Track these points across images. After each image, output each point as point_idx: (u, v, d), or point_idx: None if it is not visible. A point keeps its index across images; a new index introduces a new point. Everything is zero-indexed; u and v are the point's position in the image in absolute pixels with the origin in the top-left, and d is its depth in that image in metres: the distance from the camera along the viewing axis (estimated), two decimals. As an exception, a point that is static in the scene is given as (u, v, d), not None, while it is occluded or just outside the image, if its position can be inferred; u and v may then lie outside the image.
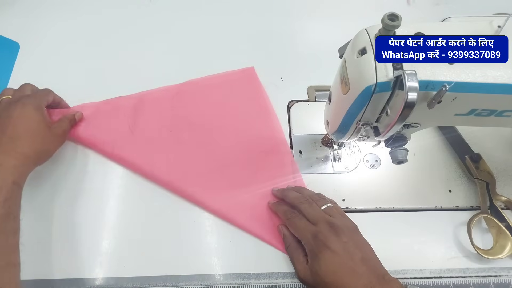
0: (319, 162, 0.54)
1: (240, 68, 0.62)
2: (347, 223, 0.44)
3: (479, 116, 0.37)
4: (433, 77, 0.33)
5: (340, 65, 0.38)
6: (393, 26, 0.31)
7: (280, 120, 0.57)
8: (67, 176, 0.53)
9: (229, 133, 0.56)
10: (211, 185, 0.52)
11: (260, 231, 0.49)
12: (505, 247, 0.46)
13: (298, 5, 0.69)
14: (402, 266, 0.47)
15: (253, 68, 0.61)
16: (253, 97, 0.59)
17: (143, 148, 0.53)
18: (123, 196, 0.52)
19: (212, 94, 0.59)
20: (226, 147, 0.54)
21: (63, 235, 0.49)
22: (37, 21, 0.66)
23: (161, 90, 0.59)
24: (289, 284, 0.46)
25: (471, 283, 0.46)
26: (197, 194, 0.51)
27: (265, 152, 0.54)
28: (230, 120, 0.57)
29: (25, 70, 0.61)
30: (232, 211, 0.50)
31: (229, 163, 0.53)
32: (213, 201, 0.50)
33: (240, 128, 0.56)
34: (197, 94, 0.59)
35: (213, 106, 0.58)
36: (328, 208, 0.45)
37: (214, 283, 0.46)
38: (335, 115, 0.41)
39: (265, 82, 0.60)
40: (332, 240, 0.41)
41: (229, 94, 0.59)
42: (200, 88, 0.59)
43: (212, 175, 0.52)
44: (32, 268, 0.47)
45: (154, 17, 0.67)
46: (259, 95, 0.59)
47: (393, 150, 0.43)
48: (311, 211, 0.44)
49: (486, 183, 0.50)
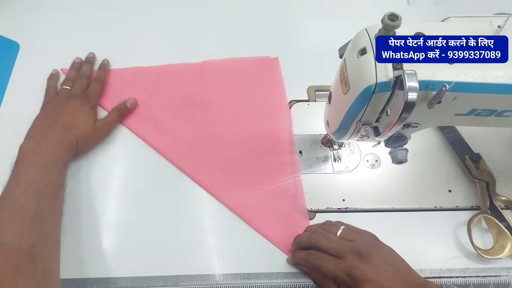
0: (319, 162, 0.54)
1: (266, 56, 0.62)
2: (368, 240, 0.42)
3: (479, 116, 0.37)
4: (433, 77, 0.33)
5: (340, 65, 0.38)
6: (393, 26, 0.31)
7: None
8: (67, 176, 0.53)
9: (241, 119, 0.56)
10: (211, 166, 0.53)
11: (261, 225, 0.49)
12: (505, 247, 0.46)
13: (298, 5, 0.69)
14: (402, 266, 0.47)
15: (277, 59, 0.61)
16: (271, 88, 0.59)
17: (155, 116, 0.56)
18: (123, 196, 0.52)
19: (232, 77, 0.60)
20: (234, 133, 0.55)
21: (63, 235, 0.49)
22: (37, 21, 0.66)
23: (185, 65, 0.61)
24: (289, 284, 0.46)
25: (471, 283, 0.46)
26: (195, 171, 0.52)
27: (272, 145, 0.54)
28: (244, 105, 0.58)
29: (25, 70, 0.61)
30: (231, 195, 0.51)
31: (234, 148, 0.54)
32: (211, 181, 0.52)
33: (252, 116, 0.57)
34: (217, 74, 0.60)
35: (230, 89, 0.59)
36: (344, 232, 0.43)
37: (214, 283, 0.46)
38: (335, 115, 0.41)
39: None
40: (366, 270, 0.39)
41: (248, 80, 0.60)
42: (221, 69, 0.60)
43: (214, 157, 0.53)
44: (32, 268, 0.47)
45: (154, 16, 0.67)
46: (278, 88, 0.59)
47: (393, 150, 0.43)
48: (331, 244, 0.42)
49: (486, 183, 0.50)
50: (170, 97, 0.58)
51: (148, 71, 0.60)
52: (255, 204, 0.50)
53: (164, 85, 0.59)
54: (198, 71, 0.60)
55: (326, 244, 0.42)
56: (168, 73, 0.60)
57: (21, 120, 0.57)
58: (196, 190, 0.52)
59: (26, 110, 0.58)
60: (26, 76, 0.61)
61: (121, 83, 0.59)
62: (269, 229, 0.49)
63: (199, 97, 0.58)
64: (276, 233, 0.48)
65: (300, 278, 0.46)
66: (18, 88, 0.60)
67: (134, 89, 0.58)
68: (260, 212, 0.50)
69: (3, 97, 0.58)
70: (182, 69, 0.60)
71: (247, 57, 0.61)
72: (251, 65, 0.61)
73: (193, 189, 0.52)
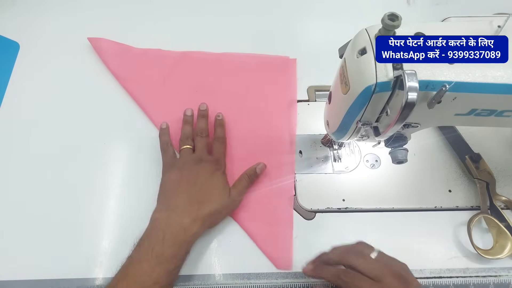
0: (319, 162, 0.54)
1: (283, 56, 0.62)
2: (402, 266, 0.40)
3: (479, 116, 0.37)
4: (433, 77, 0.33)
5: (340, 65, 0.38)
6: (393, 26, 0.31)
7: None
8: (67, 176, 0.53)
9: (248, 114, 0.57)
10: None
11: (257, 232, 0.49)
12: (505, 247, 0.46)
13: (298, 5, 0.69)
14: (402, 266, 0.47)
15: (295, 60, 0.62)
16: (283, 88, 0.60)
17: (166, 98, 0.57)
18: (123, 196, 0.52)
19: (246, 72, 0.60)
20: (239, 127, 0.56)
21: (63, 235, 0.49)
22: (37, 21, 0.66)
23: (204, 53, 0.62)
24: (289, 284, 0.46)
25: (471, 283, 0.46)
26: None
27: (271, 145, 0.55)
28: (253, 101, 0.58)
29: (25, 70, 0.61)
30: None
31: (235, 142, 0.55)
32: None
33: (258, 112, 0.57)
34: (232, 67, 0.61)
35: (242, 83, 0.60)
36: (380, 254, 0.41)
37: (214, 283, 0.46)
38: (335, 115, 0.41)
39: (265, 82, 0.60)
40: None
41: (262, 76, 0.60)
42: (238, 63, 0.61)
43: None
44: (32, 268, 0.47)
45: (154, 14, 0.67)
46: (289, 89, 0.59)
47: (393, 150, 0.43)
48: (369, 265, 0.39)
49: (486, 183, 0.50)
50: (184, 82, 0.59)
51: (169, 55, 0.62)
52: (246, 202, 0.51)
53: (180, 70, 0.60)
54: (215, 62, 0.61)
55: (363, 264, 0.39)
56: (186, 60, 0.61)
57: (21, 120, 0.57)
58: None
59: (26, 110, 0.58)
60: (26, 76, 0.61)
61: (139, 62, 0.61)
62: (253, 228, 0.49)
63: (211, 86, 0.59)
64: (260, 233, 0.49)
65: (300, 278, 0.46)
66: (18, 88, 0.59)
67: (151, 69, 0.60)
68: (249, 211, 0.50)
69: (3, 97, 0.58)
70: (201, 58, 0.61)
71: (265, 54, 0.62)
72: (267, 62, 0.61)
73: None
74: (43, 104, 0.58)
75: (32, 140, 0.55)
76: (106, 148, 0.55)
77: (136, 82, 0.59)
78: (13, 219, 0.50)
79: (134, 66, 0.60)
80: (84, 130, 0.56)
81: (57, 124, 0.57)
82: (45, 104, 0.58)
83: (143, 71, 0.60)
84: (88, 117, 0.57)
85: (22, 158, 0.54)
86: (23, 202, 0.51)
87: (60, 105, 0.58)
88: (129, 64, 0.60)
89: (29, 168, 0.53)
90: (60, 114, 0.57)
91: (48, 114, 0.57)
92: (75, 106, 0.58)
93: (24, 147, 0.55)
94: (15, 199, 0.51)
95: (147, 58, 0.61)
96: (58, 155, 0.54)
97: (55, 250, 0.48)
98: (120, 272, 0.41)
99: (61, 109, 0.58)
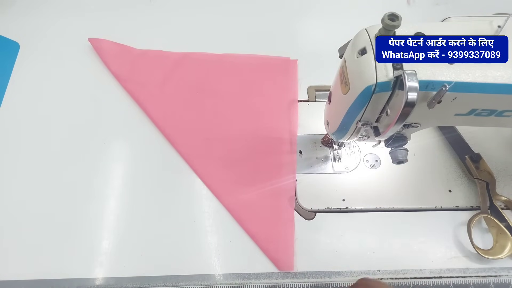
0: (319, 162, 0.54)
1: (284, 57, 0.62)
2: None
3: (479, 116, 0.37)
4: (433, 77, 0.33)
5: (340, 65, 0.38)
6: (393, 26, 0.31)
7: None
8: (67, 176, 0.53)
9: (248, 114, 0.57)
10: (211, 156, 0.53)
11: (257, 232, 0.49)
12: (505, 247, 0.46)
13: (298, 5, 0.69)
14: (402, 266, 0.47)
15: (295, 61, 0.62)
16: (284, 88, 0.60)
17: (167, 98, 0.57)
18: (122, 196, 0.52)
19: (247, 72, 0.61)
20: (240, 127, 0.56)
21: (63, 235, 0.49)
22: (37, 21, 0.66)
23: (205, 54, 0.62)
24: (289, 284, 0.46)
25: (471, 283, 0.46)
26: (193, 157, 0.53)
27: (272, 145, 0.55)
28: (254, 101, 0.58)
29: (25, 70, 0.61)
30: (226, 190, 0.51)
31: (236, 142, 0.55)
32: (208, 173, 0.52)
33: (259, 112, 0.57)
34: (234, 68, 0.61)
35: (243, 84, 0.60)
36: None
37: (214, 283, 0.46)
38: (335, 115, 0.41)
39: (265, 82, 0.60)
40: None
41: (263, 77, 0.60)
42: (239, 64, 0.61)
43: (216, 149, 0.54)
44: (32, 268, 0.47)
45: (153, 16, 0.67)
46: (290, 89, 0.60)
47: (393, 150, 0.43)
48: None
49: (486, 183, 0.50)
50: (184, 83, 0.59)
51: (169, 56, 0.62)
52: (247, 203, 0.51)
53: (180, 71, 0.60)
54: (216, 63, 0.61)
55: None
56: (187, 61, 0.61)
57: (21, 120, 0.57)
58: (196, 190, 0.52)
59: (26, 110, 0.58)
60: (26, 76, 0.61)
61: (139, 63, 0.61)
62: (254, 229, 0.49)
63: (213, 87, 0.59)
64: (261, 234, 0.49)
65: (300, 278, 0.46)
66: (18, 88, 0.60)
67: (152, 70, 0.60)
68: (250, 212, 0.50)
69: (3, 97, 0.58)
70: (201, 58, 0.62)
71: (266, 55, 0.62)
72: (268, 63, 0.62)
73: (193, 189, 0.52)
74: (43, 104, 0.58)
75: (32, 140, 0.55)
76: (106, 148, 0.55)
77: (136, 83, 0.59)
78: (13, 219, 0.50)
79: (134, 67, 0.60)
80: (84, 130, 0.56)
81: (57, 124, 0.57)
82: (45, 104, 0.58)
83: (143, 72, 0.60)
84: (88, 117, 0.57)
85: (22, 158, 0.54)
86: (23, 202, 0.51)
87: (60, 105, 0.58)
88: (129, 65, 0.60)
89: (29, 168, 0.53)
90: (60, 114, 0.57)
91: (48, 114, 0.57)
92: (75, 106, 0.58)
93: (24, 147, 0.55)
94: (15, 199, 0.51)
95: (148, 59, 0.61)
96: (58, 155, 0.54)
97: (55, 250, 0.48)
98: None
99: (61, 109, 0.58)
